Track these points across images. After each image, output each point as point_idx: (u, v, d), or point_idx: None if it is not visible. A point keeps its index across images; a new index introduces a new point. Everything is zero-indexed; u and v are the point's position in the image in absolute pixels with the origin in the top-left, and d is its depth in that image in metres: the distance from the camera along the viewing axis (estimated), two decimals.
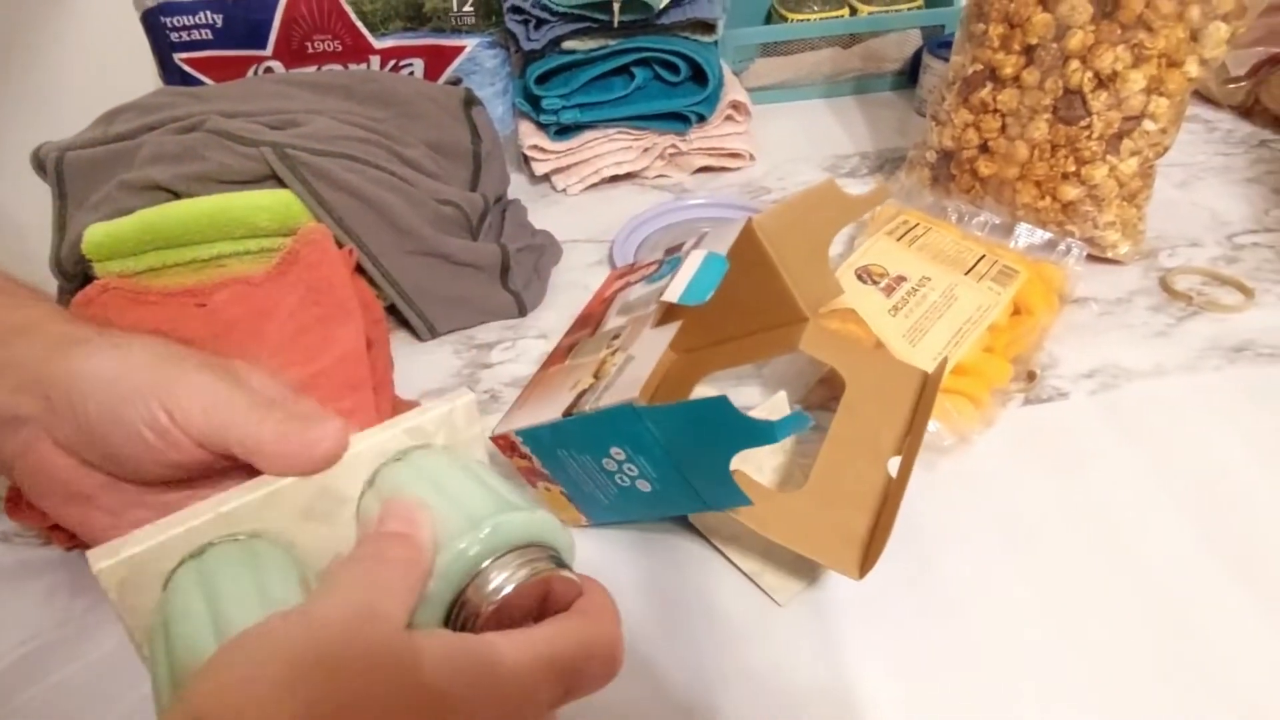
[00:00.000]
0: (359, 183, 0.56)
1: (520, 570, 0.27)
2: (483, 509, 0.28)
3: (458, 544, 0.27)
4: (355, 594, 0.25)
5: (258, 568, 0.27)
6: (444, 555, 0.27)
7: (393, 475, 0.30)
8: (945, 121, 0.63)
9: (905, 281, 0.53)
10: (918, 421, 0.43)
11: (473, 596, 0.26)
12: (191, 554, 0.28)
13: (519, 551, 0.27)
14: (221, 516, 0.28)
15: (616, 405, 0.37)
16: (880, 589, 0.42)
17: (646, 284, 0.47)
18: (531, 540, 0.28)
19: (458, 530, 0.27)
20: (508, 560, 0.27)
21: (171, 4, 0.64)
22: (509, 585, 0.26)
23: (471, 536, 0.27)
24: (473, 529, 0.27)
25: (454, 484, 0.29)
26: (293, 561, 0.29)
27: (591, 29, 0.70)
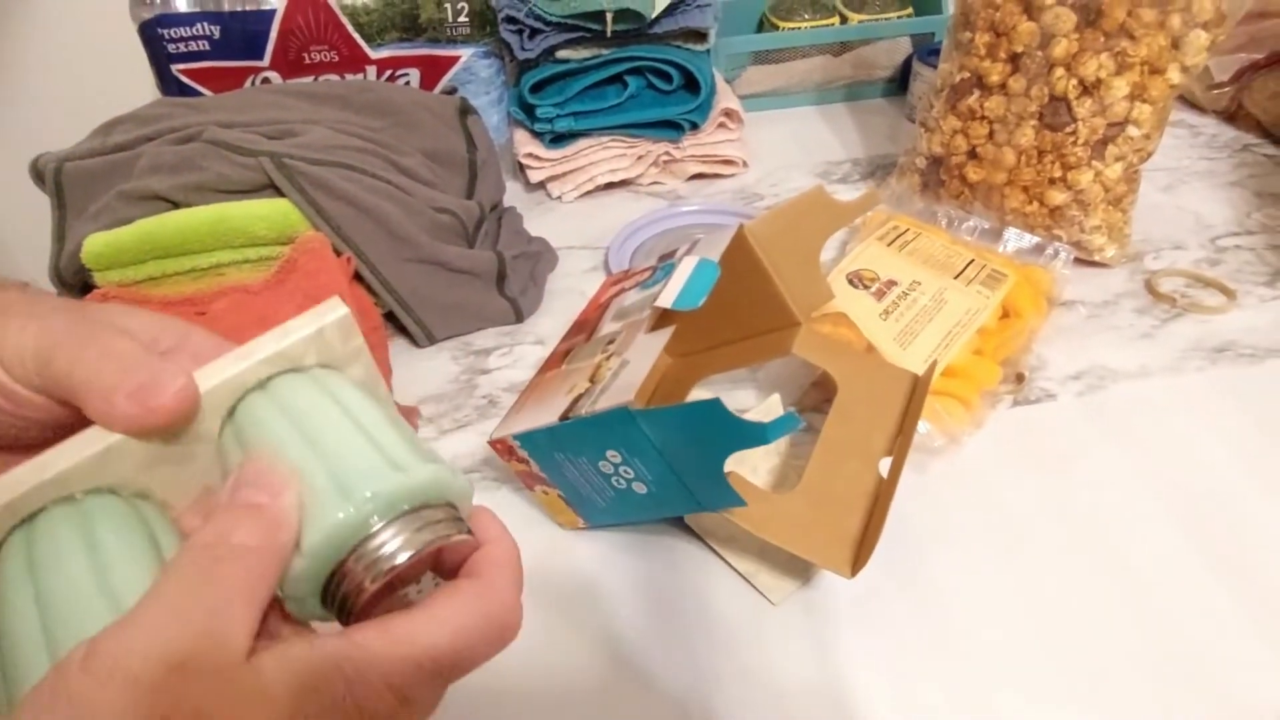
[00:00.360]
0: (356, 191, 0.57)
1: (408, 541, 0.23)
2: (361, 466, 0.24)
3: (330, 514, 0.23)
4: (179, 620, 0.20)
5: (95, 544, 0.23)
6: (313, 529, 0.23)
7: (253, 411, 0.25)
8: (934, 128, 0.64)
9: (896, 286, 0.54)
10: (908, 423, 0.44)
11: (353, 570, 0.23)
12: (19, 523, 0.24)
13: (405, 518, 0.23)
14: (46, 484, 0.23)
15: (612, 409, 0.38)
16: (872, 588, 0.43)
17: (641, 290, 0.47)
18: (421, 501, 0.24)
19: (329, 496, 0.23)
20: (393, 528, 0.23)
21: (169, 15, 0.65)
22: (395, 559, 0.23)
23: (346, 506, 0.23)
24: (347, 496, 0.23)
25: (327, 431, 0.25)
26: (139, 519, 0.24)
27: (585, 38, 0.70)
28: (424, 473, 0.24)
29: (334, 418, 0.25)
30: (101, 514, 0.24)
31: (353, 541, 0.23)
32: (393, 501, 0.23)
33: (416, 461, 0.24)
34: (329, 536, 0.23)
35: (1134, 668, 0.39)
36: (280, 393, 0.26)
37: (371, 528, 0.23)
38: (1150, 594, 0.42)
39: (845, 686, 0.39)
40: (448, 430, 0.54)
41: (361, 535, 0.23)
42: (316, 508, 0.23)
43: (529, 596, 0.43)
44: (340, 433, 0.25)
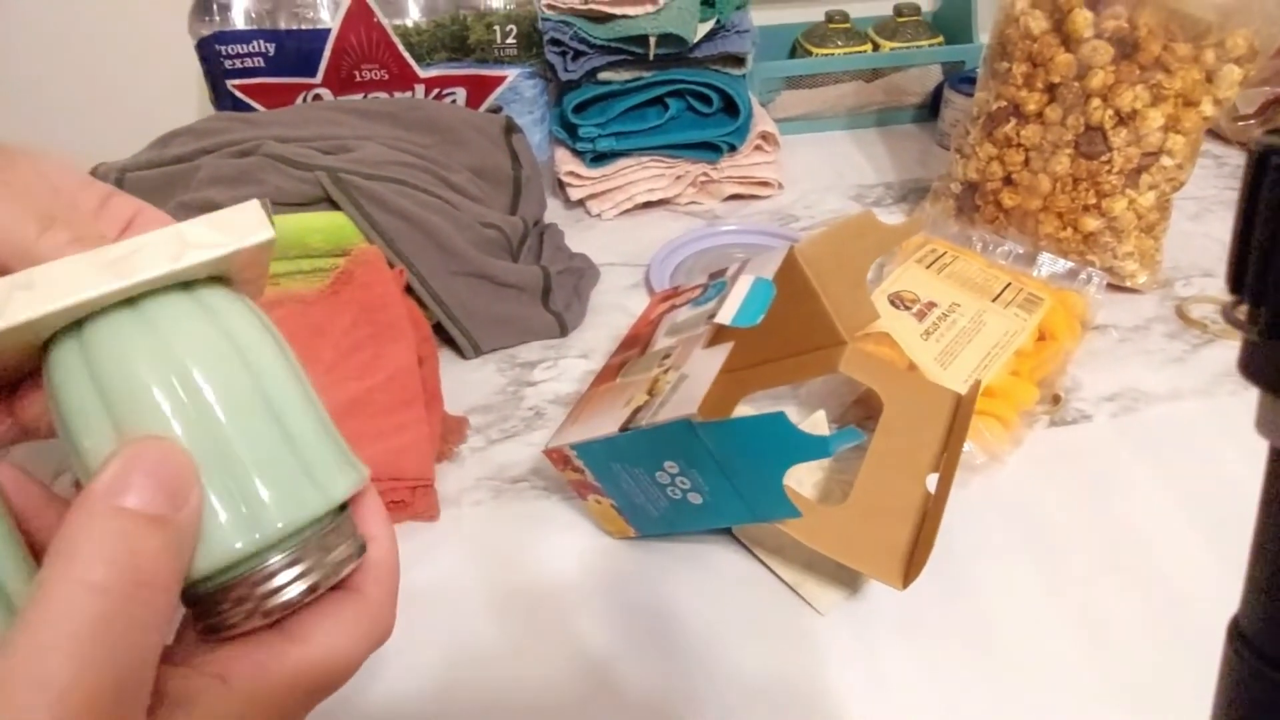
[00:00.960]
0: (409, 206, 0.59)
1: (306, 576, 0.20)
2: (273, 479, 0.20)
3: (228, 541, 0.19)
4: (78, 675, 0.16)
5: None
6: (204, 554, 0.19)
7: (120, 342, 0.19)
8: (970, 155, 0.65)
9: (936, 307, 0.55)
10: (954, 440, 0.45)
11: (236, 598, 0.20)
12: None
13: (309, 542, 0.20)
14: None
15: (674, 420, 0.39)
16: (916, 600, 0.44)
17: (693, 307, 0.49)
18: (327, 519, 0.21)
19: (230, 516, 0.19)
20: (293, 557, 0.20)
21: (227, 33, 0.67)
22: (289, 596, 0.20)
23: (250, 535, 0.19)
24: (254, 522, 0.19)
25: (228, 408, 0.19)
26: None
27: (627, 61, 0.72)
28: (344, 486, 0.21)
29: (240, 388, 0.20)
30: None
31: (244, 571, 0.19)
32: (304, 528, 0.20)
33: (336, 468, 0.21)
34: (220, 565, 0.19)
35: (1171, 683, 0.40)
36: (158, 324, 0.20)
37: (271, 562, 0.20)
38: (1183, 611, 0.43)
39: (892, 697, 0.40)
40: (495, 440, 0.55)
41: (256, 565, 0.19)
42: (212, 525, 0.19)
43: (580, 605, 0.44)
44: (250, 419, 0.20)
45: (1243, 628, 0.18)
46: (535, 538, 0.49)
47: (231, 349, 0.20)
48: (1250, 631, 0.18)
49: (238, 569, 0.20)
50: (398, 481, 0.49)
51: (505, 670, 0.42)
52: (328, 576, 0.21)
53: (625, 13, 0.70)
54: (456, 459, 0.54)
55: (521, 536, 0.49)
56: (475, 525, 0.50)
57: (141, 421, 0.19)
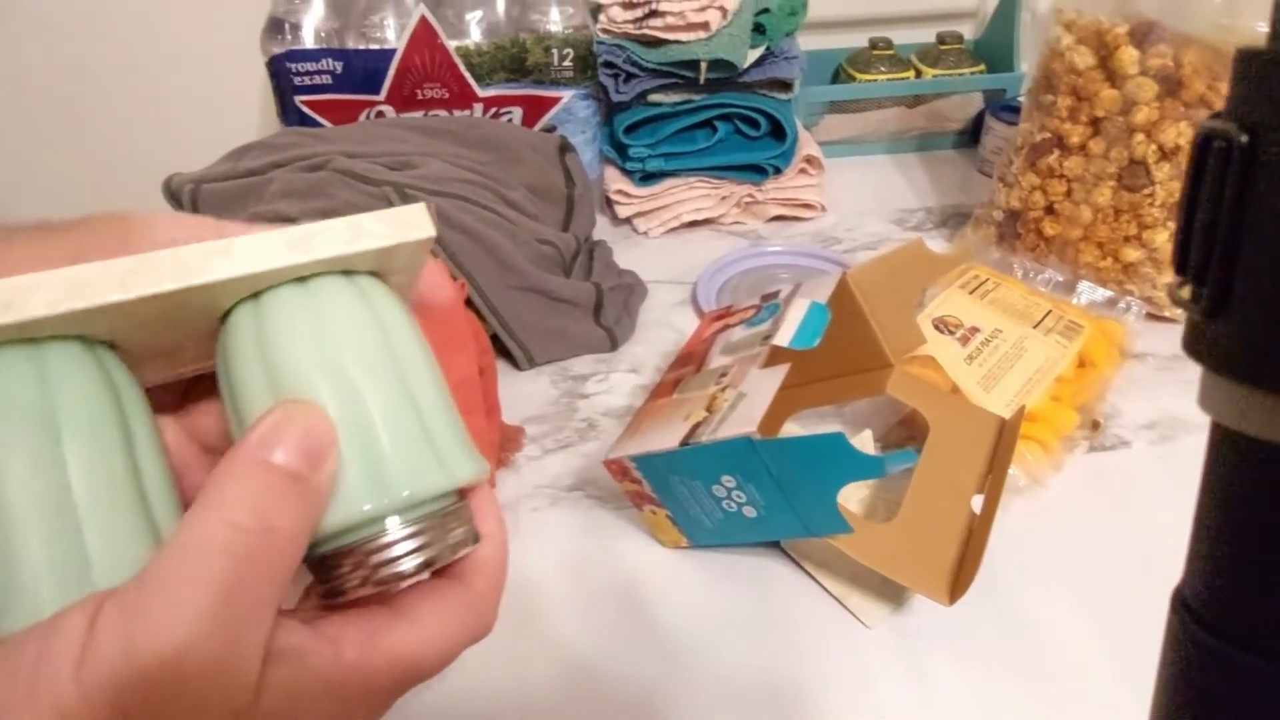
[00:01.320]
0: (471, 222, 0.61)
1: (423, 551, 0.21)
2: (405, 455, 0.21)
3: (356, 503, 0.20)
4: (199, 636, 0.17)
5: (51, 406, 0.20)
6: (332, 513, 0.20)
7: (288, 315, 0.22)
8: (1013, 184, 0.67)
9: (979, 333, 0.57)
10: (999, 462, 0.47)
11: (356, 562, 0.21)
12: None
13: (429, 520, 0.21)
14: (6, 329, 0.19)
15: (734, 437, 0.41)
16: (960, 616, 0.46)
17: (747, 327, 0.51)
18: (446, 500, 0.22)
19: (360, 480, 0.20)
20: (413, 530, 0.21)
21: (298, 51, 0.70)
22: (405, 569, 0.21)
23: (379, 500, 0.20)
24: (382, 489, 0.20)
25: (375, 389, 0.21)
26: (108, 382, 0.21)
27: (677, 84, 0.75)
28: (468, 472, 0.22)
29: (385, 370, 0.21)
30: (69, 381, 0.20)
31: (367, 535, 0.21)
32: (427, 503, 0.21)
33: (462, 454, 0.22)
34: (346, 526, 0.20)
35: None
36: (323, 303, 0.22)
37: (391, 529, 0.21)
38: None
39: (937, 710, 0.42)
40: (550, 450, 0.57)
41: (378, 531, 0.21)
42: (344, 487, 0.20)
43: (632, 610, 0.46)
44: (390, 398, 0.21)
45: (1185, 597, 0.19)
46: (590, 545, 0.51)
47: (380, 334, 0.22)
48: (1192, 600, 0.19)
49: (361, 531, 0.21)
50: None
51: (556, 670, 0.44)
52: (442, 555, 0.21)
53: (678, 38, 0.72)
54: (513, 467, 0.56)
55: (577, 543, 0.51)
56: (533, 532, 0.52)
57: (295, 387, 0.21)
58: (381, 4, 0.71)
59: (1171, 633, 0.19)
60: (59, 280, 0.19)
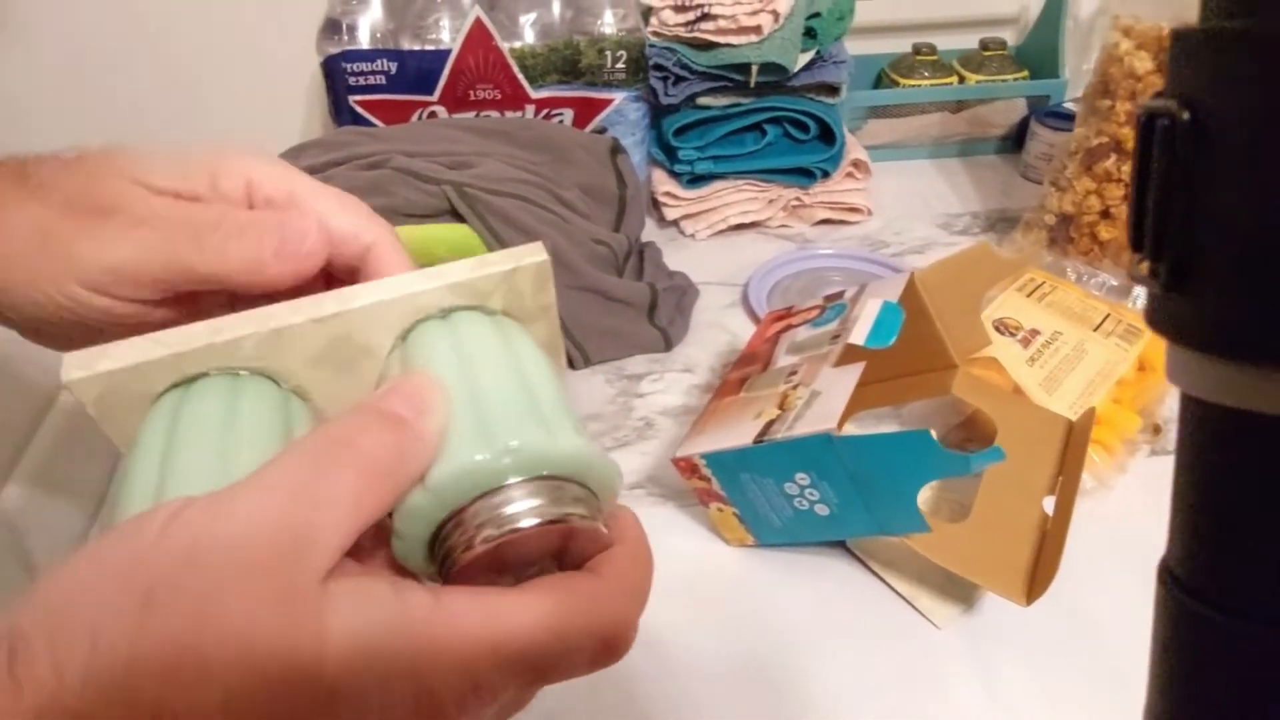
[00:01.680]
0: (529, 220, 0.62)
1: (536, 508, 0.21)
2: (511, 416, 0.22)
3: (467, 453, 0.21)
4: (271, 507, 0.18)
5: (235, 416, 0.23)
6: (444, 463, 0.21)
7: (427, 337, 0.25)
8: (1065, 188, 0.67)
9: (1039, 335, 0.57)
10: (1071, 464, 0.47)
11: (470, 520, 0.21)
12: (180, 381, 0.24)
13: (543, 483, 0.21)
14: (215, 347, 0.23)
15: (812, 434, 0.41)
16: (1030, 618, 0.45)
17: (812, 327, 0.51)
18: (564, 474, 0.22)
19: (471, 435, 0.21)
20: (525, 489, 0.21)
21: (353, 51, 0.71)
22: (518, 521, 0.21)
23: (486, 449, 0.21)
24: (490, 440, 0.21)
25: (490, 373, 0.23)
26: (286, 413, 0.24)
27: (726, 87, 0.75)
28: (573, 443, 0.22)
29: (503, 365, 0.24)
30: (253, 395, 0.24)
31: (480, 489, 0.21)
32: (534, 461, 0.21)
33: (569, 431, 0.22)
34: (458, 476, 0.21)
35: None
36: (460, 328, 0.24)
37: (503, 480, 0.21)
38: None
39: (1008, 713, 0.42)
40: (609, 448, 0.58)
41: (491, 485, 0.21)
42: (455, 443, 0.21)
43: (695, 608, 0.47)
44: (503, 379, 0.23)
45: (1171, 567, 0.19)
46: (654, 542, 0.51)
47: (505, 344, 0.25)
48: (1177, 570, 0.19)
49: (472, 487, 0.21)
50: None
51: (616, 666, 0.45)
52: (555, 516, 0.21)
53: (729, 41, 0.72)
54: None
55: None
56: None
57: (430, 367, 0.24)
58: (437, 6, 0.72)
59: (1159, 603, 0.20)
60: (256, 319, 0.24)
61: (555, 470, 0.22)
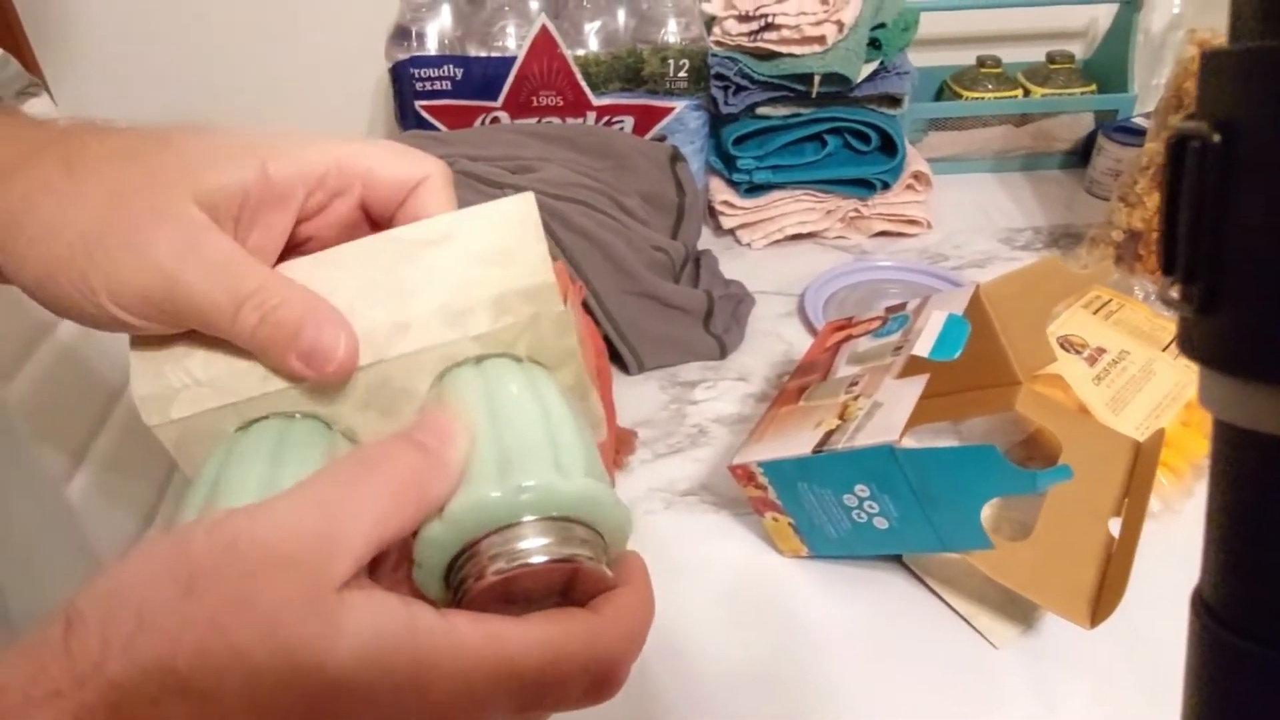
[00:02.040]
0: (590, 226, 0.62)
1: (546, 547, 0.22)
2: (528, 457, 0.23)
3: (484, 488, 0.22)
4: (309, 514, 0.20)
5: (283, 450, 0.25)
6: (462, 497, 0.22)
7: (461, 381, 0.26)
8: (1135, 203, 0.66)
9: (1106, 353, 0.56)
10: (1138, 486, 0.46)
11: (483, 552, 0.22)
12: (242, 425, 0.26)
13: (553, 523, 0.23)
14: (269, 396, 0.26)
15: (874, 446, 0.41)
16: (1093, 642, 0.44)
17: (874, 338, 0.51)
18: (575, 516, 0.23)
19: (489, 471, 0.23)
20: (537, 528, 0.22)
21: (421, 57, 0.72)
22: (529, 558, 0.22)
23: (501, 486, 0.22)
24: (505, 477, 0.23)
25: (513, 414, 0.25)
26: (332, 450, 0.26)
27: (786, 97, 0.75)
28: (583, 486, 0.23)
29: (527, 407, 0.25)
30: (303, 433, 0.26)
31: (495, 524, 0.22)
32: (546, 501, 0.23)
33: (582, 475, 0.23)
34: (474, 509, 0.22)
35: None
36: (492, 374, 0.26)
37: (517, 518, 0.22)
38: None
39: None
40: (662, 454, 0.58)
41: (504, 522, 0.22)
42: (473, 478, 0.23)
43: (746, 617, 0.46)
44: (525, 421, 0.25)
45: (1204, 596, 0.19)
46: (706, 549, 0.51)
47: (531, 390, 0.26)
48: (1211, 599, 0.19)
49: (487, 522, 0.22)
50: None
51: (666, 670, 0.45)
52: (564, 556, 0.22)
53: (792, 51, 0.72)
54: (627, 469, 0.56)
55: (693, 547, 0.51)
56: (649, 533, 0.52)
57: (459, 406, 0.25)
58: (504, 13, 0.73)
59: (1192, 632, 0.19)
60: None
61: (566, 511, 0.23)
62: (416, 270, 0.27)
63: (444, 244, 0.27)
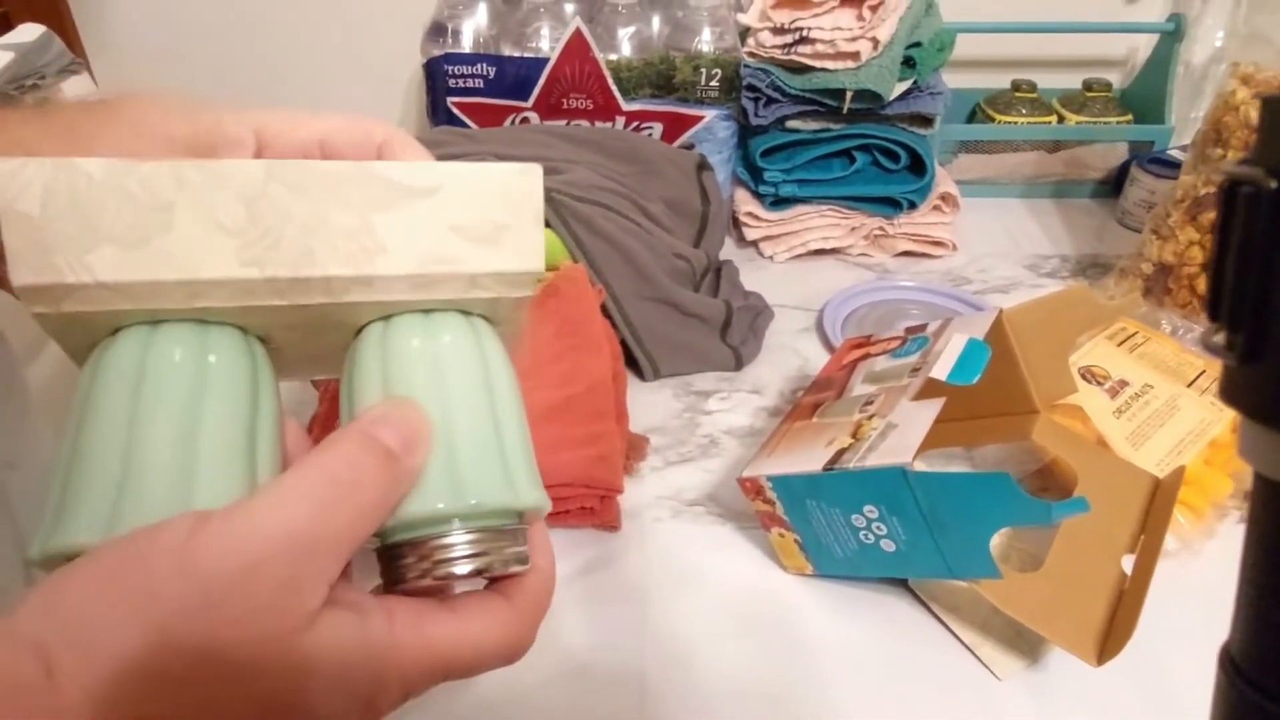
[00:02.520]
0: (612, 230, 0.62)
1: (479, 558, 0.24)
2: (480, 469, 0.24)
3: (432, 500, 0.23)
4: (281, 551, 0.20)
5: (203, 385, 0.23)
6: (412, 503, 0.23)
7: (408, 339, 0.25)
8: (1168, 237, 0.64)
9: (1128, 386, 0.55)
10: (1155, 523, 0.45)
11: (420, 553, 0.24)
12: (146, 321, 0.24)
13: (490, 533, 0.24)
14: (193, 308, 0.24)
15: (886, 466, 0.40)
16: (1099, 679, 0.44)
17: (892, 358, 0.50)
18: (510, 520, 0.25)
19: (440, 481, 0.24)
20: (473, 538, 0.24)
21: (455, 54, 0.73)
22: (459, 569, 0.23)
23: (452, 501, 0.23)
24: (456, 492, 0.24)
25: (467, 413, 0.25)
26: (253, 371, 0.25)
27: (817, 112, 0.75)
28: (530, 499, 0.25)
29: (479, 399, 0.25)
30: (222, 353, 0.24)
31: (436, 531, 0.23)
32: (489, 515, 0.24)
33: (530, 483, 0.25)
34: (421, 518, 0.23)
35: None
36: (440, 334, 0.26)
37: (455, 529, 0.24)
38: None
39: None
40: (673, 462, 0.57)
41: (445, 529, 0.24)
42: (426, 484, 0.23)
43: (747, 632, 0.46)
44: (479, 421, 0.25)
45: (1233, 654, 0.18)
46: (710, 561, 0.51)
47: (482, 367, 0.26)
48: (1240, 658, 0.18)
49: (430, 528, 0.24)
50: (589, 489, 0.51)
51: (663, 673, 0.44)
52: (494, 566, 0.24)
53: (825, 66, 0.72)
54: (637, 476, 0.56)
55: (696, 558, 0.51)
56: (654, 541, 0.52)
57: (403, 393, 0.25)
58: (539, 15, 0.73)
59: (1218, 688, 0.19)
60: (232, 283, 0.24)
61: (504, 520, 0.25)
62: (393, 222, 0.25)
63: (430, 197, 0.25)
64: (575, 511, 0.52)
